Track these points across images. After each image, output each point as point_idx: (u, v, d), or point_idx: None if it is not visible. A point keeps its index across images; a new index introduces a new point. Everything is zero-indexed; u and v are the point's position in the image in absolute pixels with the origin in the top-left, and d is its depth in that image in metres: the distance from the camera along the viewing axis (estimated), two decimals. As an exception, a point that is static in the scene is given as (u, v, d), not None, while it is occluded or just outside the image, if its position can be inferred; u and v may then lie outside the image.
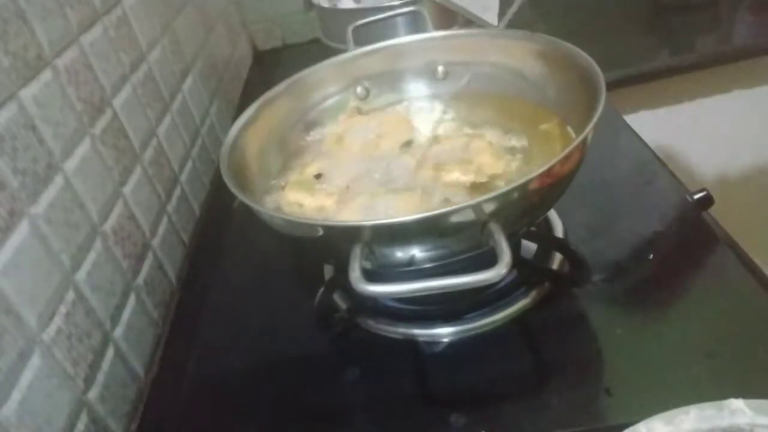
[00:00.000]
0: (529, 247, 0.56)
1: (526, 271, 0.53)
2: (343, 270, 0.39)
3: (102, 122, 0.57)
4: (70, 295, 0.47)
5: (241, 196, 0.46)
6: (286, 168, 0.61)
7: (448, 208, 0.40)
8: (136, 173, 0.62)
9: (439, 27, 0.76)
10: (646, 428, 0.30)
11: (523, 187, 0.40)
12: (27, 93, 0.47)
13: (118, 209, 0.57)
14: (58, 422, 0.43)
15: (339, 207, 0.52)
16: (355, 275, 0.38)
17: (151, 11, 0.74)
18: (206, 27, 0.96)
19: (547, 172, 0.41)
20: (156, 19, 0.75)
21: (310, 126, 0.65)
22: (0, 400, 0.38)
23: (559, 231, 0.57)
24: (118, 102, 0.61)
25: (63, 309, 0.46)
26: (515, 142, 0.56)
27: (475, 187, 0.51)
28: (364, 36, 0.72)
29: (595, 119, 0.43)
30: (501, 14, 0.91)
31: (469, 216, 0.40)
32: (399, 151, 0.58)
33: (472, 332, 0.50)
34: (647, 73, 0.99)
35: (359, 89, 0.67)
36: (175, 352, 0.58)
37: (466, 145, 0.56)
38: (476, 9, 0.92)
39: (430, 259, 0.44)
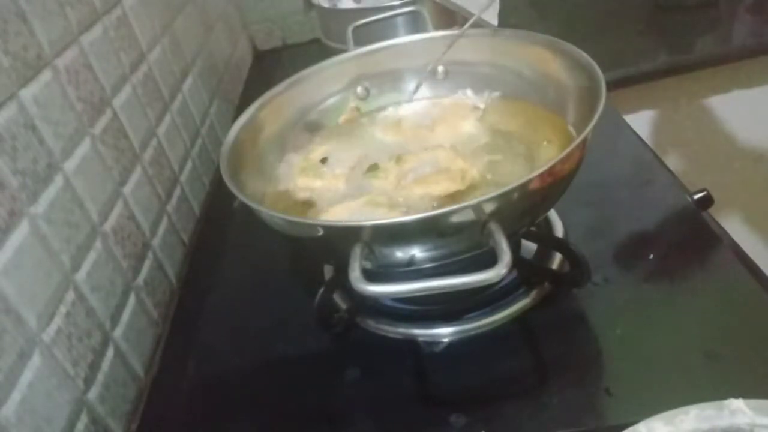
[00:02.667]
0: (529, 247, 0.56)
1: (526, 271, 0.53)
2: (343, 270, 0.39)
3: (102, 122, 0.57)
4: (70, 295, 0.47)
5: (241, 196, 0.46)
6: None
7: (448, 208, 0.40)
8: (136, 173, 0.62)
9: (439, 27, 0.76)
10: (646, 428, 0.30)
11: (523, 187, 0.40)
12: (27, 93, 0.47)
13: (118, 209, 0.57)
14: (58, 422, 0.43)
15: (347, 187, 0.53)
16: (355, 275, 0.38)
17: (151, 11, 0.74)
18: (206, 27, 0.96)
19: (547, 172, 0.41)
20: (156, 19, 0.75)
21: (310, 126, 0.65)
22: (0, 400, 0.38)
23: (559, 231, 0.57)
24: (118, 102, 0.61)
25: (63, 309, 0.46)
26: (514, 142, 0.56)
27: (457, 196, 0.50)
28: (364, 36, 0.72)
29: (595, 119, 0.43)
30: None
31: (469, 216, 0.40)
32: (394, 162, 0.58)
33: (472, 332, 0.50)
34: (647, 73, 0.99)
35: (359, 89, 0.67)
36: (175, 352, 0.58)
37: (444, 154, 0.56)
38: (476, 9, 0.92)
39: (430, 259, 0.44)
